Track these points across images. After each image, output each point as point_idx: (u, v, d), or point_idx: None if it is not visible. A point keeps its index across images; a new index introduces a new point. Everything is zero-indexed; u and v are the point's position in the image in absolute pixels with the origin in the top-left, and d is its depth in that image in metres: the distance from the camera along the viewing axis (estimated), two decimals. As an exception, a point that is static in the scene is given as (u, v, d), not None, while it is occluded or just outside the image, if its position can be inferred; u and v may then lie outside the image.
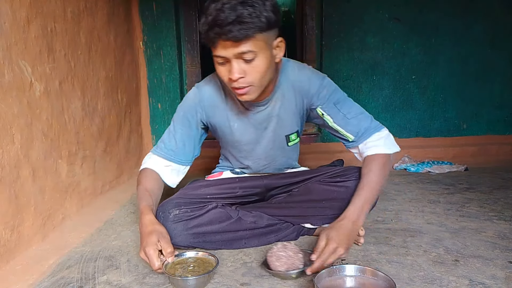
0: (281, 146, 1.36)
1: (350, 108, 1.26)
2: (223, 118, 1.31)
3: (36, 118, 1.39)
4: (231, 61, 1.04)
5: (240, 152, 1.39)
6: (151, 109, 2.67)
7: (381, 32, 2.64)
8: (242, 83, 1.07)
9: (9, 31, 1.25)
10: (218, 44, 1.02)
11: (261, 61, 1.05)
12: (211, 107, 1.29)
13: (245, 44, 1.00)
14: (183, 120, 1.30)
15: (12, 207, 1.24)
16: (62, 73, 1.58)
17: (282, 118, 1.29)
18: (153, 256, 1.02)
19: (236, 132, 1.32)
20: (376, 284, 0.97)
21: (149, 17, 2.54)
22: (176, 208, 1.26)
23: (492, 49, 2.67)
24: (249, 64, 1.05)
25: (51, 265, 1.21)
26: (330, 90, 1.25)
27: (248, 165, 1.42)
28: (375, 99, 2.72)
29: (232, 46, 1.00)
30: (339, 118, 1.25)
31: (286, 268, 1.05)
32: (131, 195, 1.99)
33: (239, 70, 1.04)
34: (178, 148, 1.30)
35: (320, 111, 1.26)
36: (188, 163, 1.34)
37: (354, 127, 1.25)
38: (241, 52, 1.01)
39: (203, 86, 1.31)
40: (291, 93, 1.26)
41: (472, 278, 1.06)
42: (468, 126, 2.77)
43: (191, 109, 1.30)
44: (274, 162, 1.41)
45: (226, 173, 1.50)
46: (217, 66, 1.09)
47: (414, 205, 1.73)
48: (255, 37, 1.00)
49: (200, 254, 1.14)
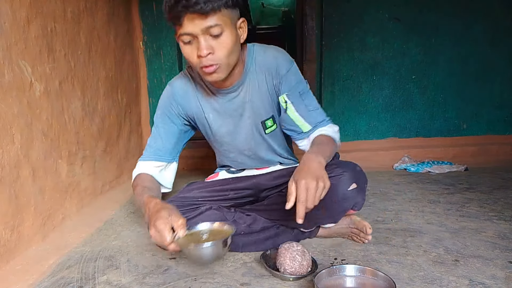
0: (258, 134, 1.34)
1: (311, 101, 1.28)
2: (198, 109, 1.31)
3: (36, 118, 1.39)
4: (198, 37, 1.04)
5: (222, 145, 1.39)
6: (151, 109, 2.67)
7: (381, 32, 2.64)
8: (210, 60, 1.06)
9: (9, 31, 1.25)
10: (185, 19, 1.01)
11: (227, 37, 1.06)
12: (184, 99, 1.30)
13: (212, 17, 1.01)
14: (162, 118, 1.32)
15: (12, 207, 1.24)
16: (62, 73, 1.58)
17: (255, 103, 1.28)
18: (164, 230, 0.95)
19: (213, 123, 1.32)
20: (376, 284, 0.97)
21: (149, 17, 2.54)
22: None
23: (492, 49, 2.67)
24: (216, 39, 1.05)
25: (51, 265, 1.21)
26: (297, 78, 1.26)
27: (234, 159, 1.41)
28: (375, 99, 2.72)
29: (199, 19, 1.01)
30: (302, 108, 1.26)
31: (292, 272, 1.05)
32: (131, 195, 1.99)
33: (207, 46, 1.04)
34: (165, 146, 1.31)
35: (284, 98, 1.26)
36: (174, 159, 1.35)
37: (313, 119, 1.26)
38: (209, 26, 1.02)
39: (174, 81, 1.33)
40: (260, 75, 1.26)
41: (472, 278, 1.06)
42: (468, 126, 2.77)
43: (167, 105, 1.32)
44: (258, 153, 1.39)
45: (222, 173, 1.49)
46: (183, 47, 1.08)
47: (414, 205, 1.73)
48: (221, 11, 1.02)
49: (215, 224, 1.07)
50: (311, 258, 1.12)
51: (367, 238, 1.28)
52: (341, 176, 1.16)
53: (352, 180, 1.17)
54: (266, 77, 1.26)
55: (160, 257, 1.25)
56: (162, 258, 1.24)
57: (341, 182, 1.16)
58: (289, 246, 1.08)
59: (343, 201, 1.17)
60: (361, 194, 1.21)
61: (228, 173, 1.48)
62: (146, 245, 1.35)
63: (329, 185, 1.01)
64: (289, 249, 1.07)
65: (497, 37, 2.65)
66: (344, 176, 1.16)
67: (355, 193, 1.18)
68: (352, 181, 1.17)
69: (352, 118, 2.73)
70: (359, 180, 1.20)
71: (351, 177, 1.17)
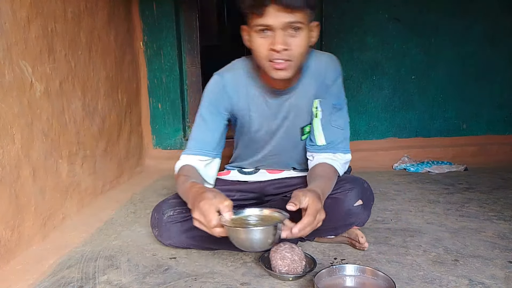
0: (294, 140, 1.32)
1: (339, 119, 1.27)
2: (244, 106, 1.26)
3: (37, 118, 1.39)
4: (275, 31, 1.02)
5: (255, 143, 1.35)
6: (151, 109, 2.67)
7: (381, 32, 2.64)
8: (284, 55, 1.04)
9: (9, 31, 1.25)
10: (268, 10, 0.99)
11: (303, 37, 1.05)
12: (234, 93, 1.24)
13: (296, 13, 1.00)
14: (210, 109, 1.25)
15: (13, 207, 1.24)
16: (63, 73, 1.58)
17: (300, 109, 1.25)
18: (209, 211, 0.90)
19: (255, 122, 1.28)
20: (376, 284, 0.97)
21: (149, 17, 2.54)
22: (170, 209, 1.25)
23: (492, 49, 2.67)
24: (293, 37, 1.04)
25: (51, 265, 1.21)
26: (338, 91, 1.26)
27: (256, 158, 1.38)
28: (375, 99, 2.72)
29: (285, 13, 0.99)
30: (326, 120, 1.25)
31: (287, 270, 1.05)
32: (131, 195, 2.00)
33: (284, 41, 1.02)
34: (211, 140, 1.25)
35: (316, 104, 1.25)
36: (218, 155, 1.29)
37: (332, 136, 1.25)
38: (291, 21, 1.01)
39: (224, 73, 1.26)
40: (310, 81, 1.23)
41: (472, 278, 1.06)
42: (468, 126, 2.77)
43: (217, 96, 1.24)
44: (284, 155, 1.36)
45: (233, 173, 1.46)
46: (255, 37, 1.06)
47: (414, 205, 1.73)
48: (305, 11, 1.02)
49: (265, 210, 1.02)
50: (307, 255, 1.13)
51: (363, 247, 1.24)
52: (348, 192, 1.19)
53: (358, 197, 1.20)
54: (314, 82, 1.23)
55: (160, 257, 1.25)
56: (162, 258, 1.24)
57: (348, 197, 1.19)
58: (276, 247, 1.08)
59: (348, 216, 1.20)
60: (366, 211, 1.23)
61: (240, 174, 1.45)
62: (147, 245, 1.35)
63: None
64: (277, 250, 1.07)
65: (497, 37, 2.65)
66: (351, 192, 1.19)
67: (360, 210, 1.20)
68: (358, 198, 1.20)
69: (351, 118, 2.67)
70: (365, 196, 1.22)
71: (358, 194, 1.20)
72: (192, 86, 2.74)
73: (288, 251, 1.06)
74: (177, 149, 2.70)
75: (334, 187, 1.21)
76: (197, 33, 2.67)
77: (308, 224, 0.95)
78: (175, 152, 2.67)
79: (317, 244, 1.31)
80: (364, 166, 2.47)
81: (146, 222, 1.52)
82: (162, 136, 2.70)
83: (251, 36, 1.08)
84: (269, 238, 0.90)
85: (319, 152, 1.26)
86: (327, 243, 1.31)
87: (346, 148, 1.27)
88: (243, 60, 1.29)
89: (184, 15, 2.64)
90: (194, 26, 2.67)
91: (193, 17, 2.66)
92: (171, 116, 2.68)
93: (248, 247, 0.92)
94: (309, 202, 0.97)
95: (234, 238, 0.91)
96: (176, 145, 2.71)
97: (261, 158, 1.39)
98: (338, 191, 1.20)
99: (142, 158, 2.57)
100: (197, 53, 2.71)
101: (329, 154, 1.25)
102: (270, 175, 1.43)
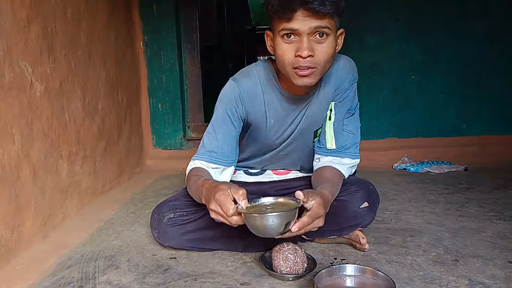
0: (307, 143, 1.29)
1: (351, 123, 1.25)
2: (261, 113, 1.21)
3: (37, 118, 1.39)
4: (302, 37, 0.99)
5: (268, 146, 1.30)
6: (151, 109, 2.67)
7: (381, 32, 2.64)
8: (309, 62, 1.01)
9: (9, 31, 1.25)
10: (296, 14, 0.97)
11: (330, 43, 1.03)
12: (250, 102, 1.19)
13: (324, 19, 0.98)
14: (223, 117, 1.19)
15: (13, 207, 1.24)
16: (63, 73, 1.58)
17: (316, 113, 1.23)
18: (225, 201, 0.91)
19: (272, 129, 1.24)
20: (376, 284, 0.97)
21: (149, 17, 2.54)
22: (171, 211, 1.24)
23: (492, 49, 2.67)
24: (319, 43, 1.01)
25: (51, 265, 1.21)
26: (353, 96, 1.24)
27: (265, 159, 1.35)
28: (374, 99, 2.72)
29: (313, 18, 0.97)
30: (339, 124, 1.23)
31: (288, 271, 1.05)
32: (131, 195, 2.00)
33: (310, 47, 1.00)
34: (221, 149, 1.19)
35: (331, 106, 1.23)
36: (233, 163, 1.24)
37: (342, 140, 1.23)
38: (320, 26, 0.98)
39: (241, 79, 1.20)
40: (329, 85, 1.21)
41: (472, 278, 1.06)
42: (468, 126, 2.77)
43: (231, 103, 1.18)
44: (293, 155, 1.34)
45: (239, 173, 1.43)
46: (280, 42, 1.03)
47: (414, 205, 1.73)
48: (333, 17, 1.00)
49: (280, 199, 1.02)
50: (307, 255, 1.13)
51: (363, 248, 1.23)
52: (354, 194, 1.20)
53: (364, 199, 1.20)
54: (332, 88, 1.21)
55: (160, 257, 1.25)
56: (162, 258, 1.24)
57: (354, 199, 1.19)
58: (280, 247, 1.08)
59: (353, 218, 1.20)
60: (372, 213, 1.23)
61: (246, 174, 1.43)
62: (147, 245, 1.35)
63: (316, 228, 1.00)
64: (280, 250, 1.07)
65: (497, 37, 2.65)
66: (357, 194, 1.20)
67: (365, 212, 1.20)
68: (364, 200, 1.20)
69: (352, 118, 2.72)
70: (371, 198, 1.22)
71: (364, 196, 1.21)
72: (192, 86, 2.74)
73: (291, 252, 1.06)
74: (177, 149, 2.70)
75: (345, 191, 1.21)
76: (197, 33, 2.68)
77: (305, 224, 0.95)
78: (175, 152, 2.68)
79: (317, 244, 1.31)
80: (364, 166, 2.45)
81: (146, 222, 1.52)
82: (162, 136, 2.70)
83: (276, 41, 1.05)
84: (285, 224, 0.91)
85: (327, 155, 1.25)
86: (327, 243, 1.31)
87: (356, 153, 1.25)
88: (262, 64, 1.23)
89: (184, 16, 2.65)
90: (194, 26, 2.67)
91: (193, 17, 2.66)
92: (171, 116, 2.68)
93: (265, 233, 0.93)
94: (314, 206, 0.97)
95: (252, 225, 0.93)
96: (176, 145, 2.71)
97: (271, 157, 1.35)
98: (344, 193, 1.20)
99: (142, 158, 2.57)
100: (197, 53, 2.71)
101: (337, 158, 1.24)
102: (276, 177, 1.41)
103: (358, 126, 1.27)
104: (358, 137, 1.26)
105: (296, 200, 0.97)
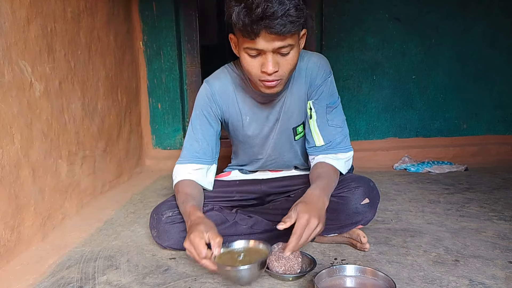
0: (288, 140, 1.33)
1: (335, 117, 1.26)
2: (235, 111, 1.29)
3: (36, 118, 1.39)
4: (266, 54, 1.02)
5: (252, 147, 1.37)
6: (151, 109, 2.66)
7: (381, 32, 2.63)
8: (275, 76, 1.06)
9: (9, 31, 1.25)
10: (260, 36, 0.99)
11: (294, 54, 1.05)
12: (223, 101, 1.27)
13: (288, 38, 1.00)
14: (200, 118, 1.28)
15: (12, 207, 1.24)
16: (62, 73, 1.58)
17: (291, 109, 1.27)
18: (199, 244, 0.94)
19: (248, 127, 1.30)
20: (376, 284, 0.97)
21: (149, 17, 2.54)
22: (169, 210, 1.25)
23: (492, 49, 2.67)
24: (284, 57, 1.04)
25: (51, 265, 1.21)
26: (330, 90, 1.25)
27: (255, 160, 1.40)
28: (375, 99, 2.72)
29: (276, 40, 0.99)
30: (322, 121, 1.25)
31: (284, 270, 1.05)
32: (131, 195, 1.99)
33: (274, 63, 1.03)
34: (202, 148, 1.28)
35: (310, 105, 1.25)
36: (214, 161, 1.32)
37: (330, 136, 1.24)
38: (284, 46, 1.01)
39: (212, 81, 1.28)
40: (299, 81, 1.24)
41: (472, 278, 1.06)
42: (468, 126, 2.77)
43: (205, 104, 1.27)
44: (282, 157, 1.38)
45: (234, 173, 1.48)
46: (246, 58, 1.06)
47: (414, 205, 1.73)
48: (296, 32, 1.01)
49: (251, 243, 1.08)
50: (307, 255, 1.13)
51: (364, 248, 1.23)
52: (355, 190, 1.20)
53: (365, 195, 1.21)
54: (304, 83, 1.24)
55: (160, 257, 1.25)
56: (162, 258, 1.24)
57: (354, 195, 1.20)
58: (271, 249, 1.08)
59: (354, 214, 1.20)
60: (373, 209, 1.23)
61: (242, 173, 1.46)
62: (146, 245, 1.35)
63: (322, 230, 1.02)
64: (271, 251, 1.07)
65: (497, 37, 2.65)
66: (357, 190, 1.20)
67: (366, 208, 1.21)
68: (365, 196, 1.21)
69: (352, 118, 2.72)
70: (371, 195, 1.23)
71: (365, 192, 1.21)
72: (192, 86, 2.73)
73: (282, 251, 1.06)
74: (177, 149, 2.70)
75: (340, 186, 1.21)
76: (197, 33, 2.67)
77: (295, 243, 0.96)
78: (175, 152, 2.67)
79: (317, 244, 1.31)
80: (364, 166, 2.46)
81: (146, 222, 1.52)
82: (162, 136, 2.70)
83: (241, 53, 1.08)
84: (256, 274, 0.98)
85: (319, 154, 1.26)
86: (327, 244, 1.31)
87: (347, 145, 1.27)
88: (230, 67, 1.30)
89: (184, 15, 2.64)
90: (194, 26, 2.67)
91: (193, 17, 2.66)
92: (170, 116, 2.68)
93: (238, 282, 1.02)
94: (297, 217, 0.98)
95: (224, 275, 1.01)
96: (175, 145, 2.71)
97: (262, 164, 1.41)
98: (344, 190, 1.21)
99: (141, 158, 2.57)
100: (197, 53, 2.71)
101: (330, 155, 1.25)
102: (272, 174, 1.44)
103: (343, 119, 1.29)
104: (346, 129, 1.28)
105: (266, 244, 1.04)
